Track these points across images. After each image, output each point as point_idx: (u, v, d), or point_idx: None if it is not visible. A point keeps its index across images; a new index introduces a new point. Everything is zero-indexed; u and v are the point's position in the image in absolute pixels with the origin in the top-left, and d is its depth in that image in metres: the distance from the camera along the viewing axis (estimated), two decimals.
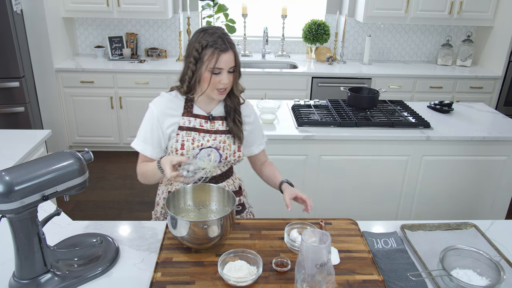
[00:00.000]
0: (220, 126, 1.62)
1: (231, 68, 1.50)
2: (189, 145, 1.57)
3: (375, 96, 2.87)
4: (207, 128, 1.60)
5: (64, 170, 1.22)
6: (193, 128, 1.58)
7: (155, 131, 1.58)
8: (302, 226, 1.49)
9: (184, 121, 1.58)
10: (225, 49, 1.46)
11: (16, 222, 1.17)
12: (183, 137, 1.57)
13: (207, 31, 1.48)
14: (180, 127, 1.58)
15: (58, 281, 1.25)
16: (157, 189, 1.84)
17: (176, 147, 1.57)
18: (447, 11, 4.03)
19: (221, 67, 1.47)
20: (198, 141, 1.57)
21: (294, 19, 4.51)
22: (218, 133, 1.60)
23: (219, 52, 1.45)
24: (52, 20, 3.79)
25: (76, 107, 4.01)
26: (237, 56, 1.51)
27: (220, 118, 1.62)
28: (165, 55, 4.34)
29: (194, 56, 1.48)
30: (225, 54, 1.46)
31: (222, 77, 1.48)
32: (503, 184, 2.78)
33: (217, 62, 1.46)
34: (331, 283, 1.22)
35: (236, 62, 1.50)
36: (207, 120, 1.60)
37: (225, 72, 1.48)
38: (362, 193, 2.75)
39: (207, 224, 1.34)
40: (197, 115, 1.59)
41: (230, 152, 1.62)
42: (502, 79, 4.10)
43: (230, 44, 1.48)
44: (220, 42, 1.45)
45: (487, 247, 1.50)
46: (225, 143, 1.61)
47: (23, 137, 2.32)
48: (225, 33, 1.50)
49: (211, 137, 1.59)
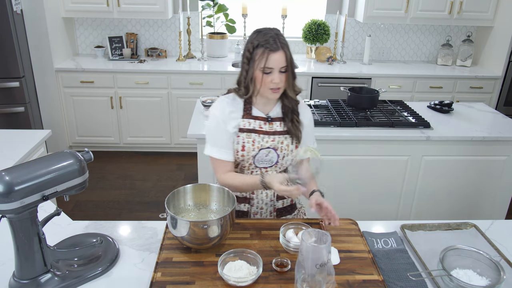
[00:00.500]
0: (278, 127, 1.64)
1: (283, 68, 1.50)
2: (249, 147, 1.61)
3: (375, 96, 2.87)
4: (266, 129, 1.62)
5: (64, 170, 1.22)
6: (253, 130, 1.61)
7: (224, 136, 1.61)
8: (297, 226, 1.49)
9: (244, 123, 1.61)
10: (275, 48, 1.47)
11: (16, 222, 1.17)
12: (243, 139, 1.60)
13: (261, 32, 1.52)
14: (241, 129, 1.61)
15: (58, 281, 1.25)
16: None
17: (237, 149, 1.62)
18: (447, 11, 4.03)
19: (271, 66, 1.49)
20: (258, 143, 1.61)
21: (294, 19, 4.51)
22: (277, 134, 1.63)
23: (269, 51, 1.47)
24: (52, 20, 3.79)
25: (76, 107, 4.01)
26: (289, 56, 1.51)
27: (278, 119, 1.65)
28: (165, 55, 4.34)
29: (247, 56, 1.53)
30: (275, 53, 1.47)
31: (273, 77, 1.50)
32: (503, 184, 2.78)
33: (267, 61, 1.48)
34: (331, 283, 1.22)
35: (287, 62, 1.50)
36: (266, 121, 1.63)
37: (276, 71, 1.50)
38: (362, 193, 2.75)
39: (207, 224, 1.34)
40: (256, 117, 1.62)
41: (288, 152, 1.65)
42: (502, 79, 4.10)
43: (281, 44, 1.49)
44: (272, 41, 1.48)
45: (487, 247, 1.50)
46: (282, 144, 1.64)
47: (23, 137, 2.32)
48: (279, 34, 1.51)
49: (269, 138, 1.62)
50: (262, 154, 1.62)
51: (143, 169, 3.95)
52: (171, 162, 4.09)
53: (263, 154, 1.62)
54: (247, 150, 1.60)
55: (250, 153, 1.60)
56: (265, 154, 1.62)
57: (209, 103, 2.86)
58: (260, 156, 1.62)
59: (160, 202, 3.40)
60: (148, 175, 3.84)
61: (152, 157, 4.18)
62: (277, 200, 1.74)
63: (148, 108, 4.03)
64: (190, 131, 2.53)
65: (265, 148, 1.61)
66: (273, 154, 1.63)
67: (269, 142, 1.61)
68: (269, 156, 1.63)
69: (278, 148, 1.63)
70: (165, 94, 3.98)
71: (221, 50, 4.34)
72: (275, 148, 1.62)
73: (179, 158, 4.17)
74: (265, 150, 1.61)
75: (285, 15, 4.29)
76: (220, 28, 4.45)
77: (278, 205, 1.75)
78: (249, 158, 1.62)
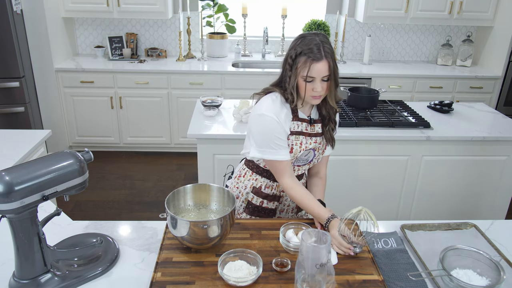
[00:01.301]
0: (319, 128, 1.67)
1: (325, 77, 1.48)
2: (297, 149, 1.62)
3: (375, 96, 2.87)
4: (309, 131, 1.64)
5: (64, 170, 1.22)
6: (300, 132, 1.62)
7: (283, 134, 1.57)
8: (297, 226, 1.49)
9: (294, 126, 1.61)
10: (318, 58, 1.45)
11: (16, 222, 1.17)
12: (292, 141, 1.61)
13: (306, 38, 1.49)
14: (291, 132, 1.61)
15: (58, 281, 1.25)
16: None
17: None
18: (447, 11, 4.03)
19: (313, 75, 1.47)
20: (304, 144, 1.63)
21: (294, 19, 4.51)
22: (318, 136, 1.66)
23: (311, 61, 1.45)
24: (52, 20, 3.79)
25: (76, 107, 4.01)
26: (332, 65, 1.48)
27: (318, 121, 1.67)
28: (165, 55, 4.34)
29: (289, 63, 1.51)
30: (318, 63, 1.45)
31: (315, 85, 1.49)
32: (503, 184, 2.78)
33: (309, 71, 1.46)
34: (331, 283, 1.22)
35: (330, 71, 1.48)
36: (309, 123, 1.64)
37: (318, 80, 1.48)
38: (362, 193, 2.75)
39: (207, 224, 1.34)
40: (302, 119, 1.63)
41: (321, 152, 1.70)
42: (502, 79, 4.10)
43: (325, 53, 1.46)
44: (316, 50, 1.45)
45: (487, 247, 1.50)
46: (320, 144, 1.68)
47: (23, 137, 2.32)
48: (324, 41, 1.48)
49: (312, 140, 1.65)
50: (302, 155, 1.65)
51: (143, 169, 3.95)
52: (171, 162, 4.09)
53: (303, 154, 1.65)
54: (294, 152, 1.61)
55: (296, 155, 1.62)
56: (305, 154, 1.65)
57: (209, 103, 2.86)
58: (300, 156, 1.64)
59: (160, 202, 3.40)
60: (148, 175, 3.84)
61: (152, 157, 4.18)
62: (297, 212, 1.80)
63: (148, 108, 4.03)
64: (190, 131, 2.53)
65: (308, 149, 1.64)
66: (311, 153, 1.66)
67: (312, 143, 1.64)
68: (307, 156, 1.66)
69: (316, 149, 1.67)
70: (165, 94, 3.98)
71: (221, 50, 4.34)
72: (314, 149, 1.66)
73: (179, 158, 4.17)
74: (306, 151, 1.64)
75: (285, 15, 4.29)
76: (220, 28, 4.45)
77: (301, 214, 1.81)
78: (294, 160, 1.64)
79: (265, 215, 1.76)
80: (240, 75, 3.95)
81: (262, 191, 1.73)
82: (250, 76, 3.92)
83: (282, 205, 1.77)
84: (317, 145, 1.67)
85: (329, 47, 1.48)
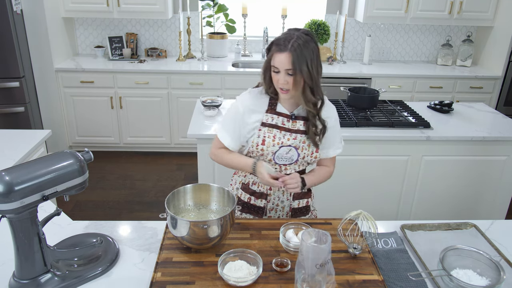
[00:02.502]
0: (301, 126, 1.63)
1: (289, 71, 1.47)
2: (269, 142, 1.60)
3: (375, 96, 2.87)
4: (288, 126, 1.62)
5: (64, 170, 1.22)
6: (275, 125, 1.61)
7: (237, 126, 1.64)
8: (297, 226, 1.49)
9: (267, 118, 1.61)
10: (281, 49, 1.46)
11: (16, 222, 1.17)
12: (264, 133, 1.61)
13: (289, 30, 1.51)
14: (263, 123, 1.61)
15: (58, 281, 1.25)
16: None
17: (257, 142, 1.61)
18: (447, 11, 4.03)
19: (276, 66, 1.49)
20: (279, 139, 1.61)
21: (294, 19, 4.51)
22: (299, 133, 1.62)
23: (276, 51, 1.48)
24: (52, 20, 3.79)
25: (76, 107, 4.01)
26: (295, 61, 1.45)
27: (302, 118, 1.63)
28: (165, 55, 4.34)
29: (267, 52, 1.54)
30: (281, 54, 1.46)
31: (280, 77, 1.50)
32: (503, 184, 2.78)
33: (273, 60, 1.49)
34: (331, 283, 1.22)
35: (294, 66, 1.45)
36: (289, 119, 1.62)
37: (282, 72, 1.49)
38: (362, 193, 2.75)
39: (207, 224, 1.34)
40: (280, 113, 1.62)
41: (308, 152, 1.64)
42: (502, 79, 4.10)
43: (291, 46, 1.44)
44: (282, 42, 1.46)
45: (487, 247, 1.50)
46: (304, 143, 1.63)
47: (23, 137, 2.32)
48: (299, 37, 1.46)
49: (291, 136, 1.61)
50: (282, 151, 1.62)
51: (143, 169, 3.95)
52: (171, 162, 4.09)
53: (283, 151, 1.62)
54: (267, 145, 1.60)
55: (269, 148, 1.60)
56: (286, 151, 1.62)
57: (209, 103, 2.86)
58: (280, 153, 1.62)
59: (160, 202, 3.40)
60: (148, 175, 3.84)
61: (152, 157, 4.18)
62: (293, 200, 1.75)
63: (148, 108, 4.03)
64: (190, 131, 2.53)
65: (286, 145, 1.61)
66: (293, 152, 1.63)
67: (290, 140, 1.61)
68: (289, 154, 1.63)
69: (299, 147, 1.63)
70: (165, 94, 3.98)
71: (221, 50, 4.34)
72: (296, 147, 1.62)
73: (179, 158, 4.16)
74: (286, 147, 1.61)
75: (285, 15, 4.29)
76: (220, 28, 4.45)
77: (294, 205, 1.76)
78: (268, 153, 1.62)
79: (254, 213, 1.75)
80: (240, 75, 3.95)
81: (250, 188, 1.73)
82: (250, 76, 3.92)
83: (271, 204, 1.74)
84: (299, 143, 1.62)
85: (298, 43, 1.45)
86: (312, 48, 1.48)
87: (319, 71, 1.53)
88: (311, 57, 1.47)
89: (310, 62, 1.47)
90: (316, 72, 1.50)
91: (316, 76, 1.51)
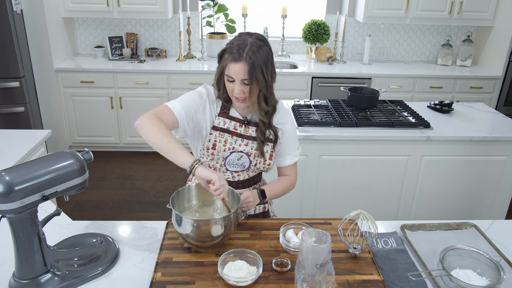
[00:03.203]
0: (253, 133, 1.57)
1: (245, 80, 1.41)
2: (220, 146, 1.54)
3: (375, 96, 2.87)
4: (240, 132, 1.56)
5: (64, 170, 1.21)
6: (226, 130, 1.55)
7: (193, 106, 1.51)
8: (297, 226, 1.49)
9: (219, 122, 1.55)
10: (236, 59, 1.38)
11: (16, 222, 1.17)
12: (215, 137, 1.54)
13: (240, 36, 1.43)
14: (214, 127, 1.55)
15: (58, 281, 1.25)
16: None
17: (208, 146, 1.55)
18: (447, 11, 4.03)
19: (231, 75, 1.41)
20: (230, 144, 1.55)
21: (294, 19, 4.51)
22: (251, 139, 1.56)
23: (230, 60, 1.40)
24: (52, 20, 3.79)
25: (76, 107, 4.01)
26: (251, 70, 1.38)
27: (254, 124, 1.57)
28: (165, 55, 4.34)
29: (219, 58, 1.47)
30: (236, 64, 1.38)
31: (235, 86, 1.43)
32: (503, 184, 2.78)
33: (227, 69, 1.42)
34: (331, 283, 1.22)
35: (250, 76, 1.38)
36: (242, 124, 1.56)
37: (237, 81, 1.41)
38: (362, 193, 2.75)
39: (211, 223, 1.34)
40: (232, 118, 1.56)
41: (260, 159, 1.58)
42: (502, 79, 4.10)
43: (246, 55, 1.37)
44: (235, 50, 1.38)
45: (487, 247, 1.50)
46: (257, 150, 1.56)
47: (23, 137, 2.32)
48: (253, 44, 1.39)
49: (243, 142, 1.56)
50: (234, 157, 1.56)
51: (143, 169, 3.95)
52: (171, 162, 4.06)
53: (235, 157, 1.56)
54: (218, 150, 1.54)
55: (220, 153, 1.54)
56: (237, 157, 1.56)
57: None
58: (231, 159, 1.56)
59: (160, 202, 3.41)
60: (148, 175, 3.84)
61: (152, 157, 4.18)
62: None
63: (148, 108, 3.97)
64: None
65: (237, 151, 1.55)
66: (245, 159, 1.56)
67: (242, 146, 1.55)
68: (241, 160, 1.56)
69: (251, 154, 1.56)
70: (165, 94, 3.98)
71: None
72: (248, 154, 1.56)
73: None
74: (237, 153, 1.55)
75: (285, 15, 4.29)
76: (220, 28, 4.45)
77: (250, 212, 1.70)
78: (219, 159, 1.56)
79: None
80: None
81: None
82: None
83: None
84: (252, 150, 1.56)
85: (253, 50, 1.38)
86: (266, 53, 1.41)
87: (273, 77, 1.47)
88: (266, 64, 1.41)
89: (265, 70, 1.41)
90: (271, 78, 1.45)
91: (270, 83, 1.46)
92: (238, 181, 1.63)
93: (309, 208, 2.75)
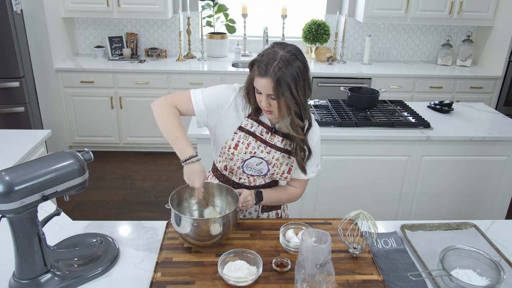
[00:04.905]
0: (279, 142, 1.54)
1: (271, 95, 1.37)
2: (242, 148, 1.52)
3: (375, 96, 2.87)
4: (265, 138, 1.53)
5: (64, 170, 1.21)
6: (252, 133, 1.52)
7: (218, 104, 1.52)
8: (297, 226, 1.49)
9: (247, 123, 1.52)
10: (261, 74, 1.34)
11: (16, 222, 1.17)
12: (240, 137, 1.52)
13: (273, 47, 1.38)
14: (241, 128, 1.52)
15: (58, 281, 1.25)
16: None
17: (230, 145, 1.53)
18: (447, 11, 4.03)
19: (258, 88, 1.39)
20: (252, 148, 1.52)
21: (294, 19, 4.51)
22: (274, 149, 1.53)
23: (257, 74, 1.37)
24: (52, 20, 3.79)
25: (76, 107, 4.01)
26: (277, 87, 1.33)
27: (281, 134, 1.54)
28: (165, 55, 4.34)
29: (250, 67, 1.43)
30: (262, 79, 1.35)
31: (262, 98, 1.40)
32: (503, 184, 2.78)
33: (255, 82, 1.39)
34: (331, 283, 1.22)
35: (275, 92, 1.34)
36: (269, 131, 1.53)
37: (264, 95, 1.38)
38: (362, 193, 2.75)
39: (210, 222, 1.35)
40: (261, 123, 1.53)
41: (279, 171, 1.56)
42: (502, 79, 4.10)
43: (272, 71, 1.32)
44: (263, 65, 1.34)
45: (487, 247, 1.50)
46: (278, 161, 1.54)
47: (23, 137, 2.32)
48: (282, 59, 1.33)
49: (265, 149, 1.53)
50: (253, 161, 1.53)
51: (143, 169, 3.95)
52: (171, 162, 4.09)
53: (254, 161, 1.53)
54: (239, 151, 1.51)
55: (240, 155, 1.52)
56: (256, 163, 1.54)
57: None
58: (250, 162, 1.54)
59: (160, 202, 3.41)
60: (148, 175, 3.84)
61: (152, 157, 4.18)
62: (262, 212, 1.70)
63: (148, 108, 4.00)
64: (190, 131, 2.53)
65: (258, 157, 1.53)
66: (264, 165, 1.54)
67: (264, 153, 1.53)
68: (259, 166, 1.55)
69: (271, 163, 1.54)
70: (165, 94, 3.97)
71: (221, 50, 4.34)
72: (268, 162, 1.54)
73: (179, 158, 4.16)
74: (257, 158, 1.53)
75: (285, 15, 4.29)
76: (220, 28, 4.45)
77: (263, 217, 1.71)
78: (238, 160, 1.54)
79: None
80: (240, 75, 3.95)
81: None
82: None
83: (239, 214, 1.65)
84: (273, 160, 1.53)
85: (283, 65, 1.32)
86: (297, 68, 1.35)
87: (306, 94, 1.40)
88: (295, 81, 1.34)
89: (294, 86, 1.34)
90: (303, 95, 1.38)
91: (302, 99, 1.39)
92: (254, 186, 1.61)
93: (309, 208, 2.75)
